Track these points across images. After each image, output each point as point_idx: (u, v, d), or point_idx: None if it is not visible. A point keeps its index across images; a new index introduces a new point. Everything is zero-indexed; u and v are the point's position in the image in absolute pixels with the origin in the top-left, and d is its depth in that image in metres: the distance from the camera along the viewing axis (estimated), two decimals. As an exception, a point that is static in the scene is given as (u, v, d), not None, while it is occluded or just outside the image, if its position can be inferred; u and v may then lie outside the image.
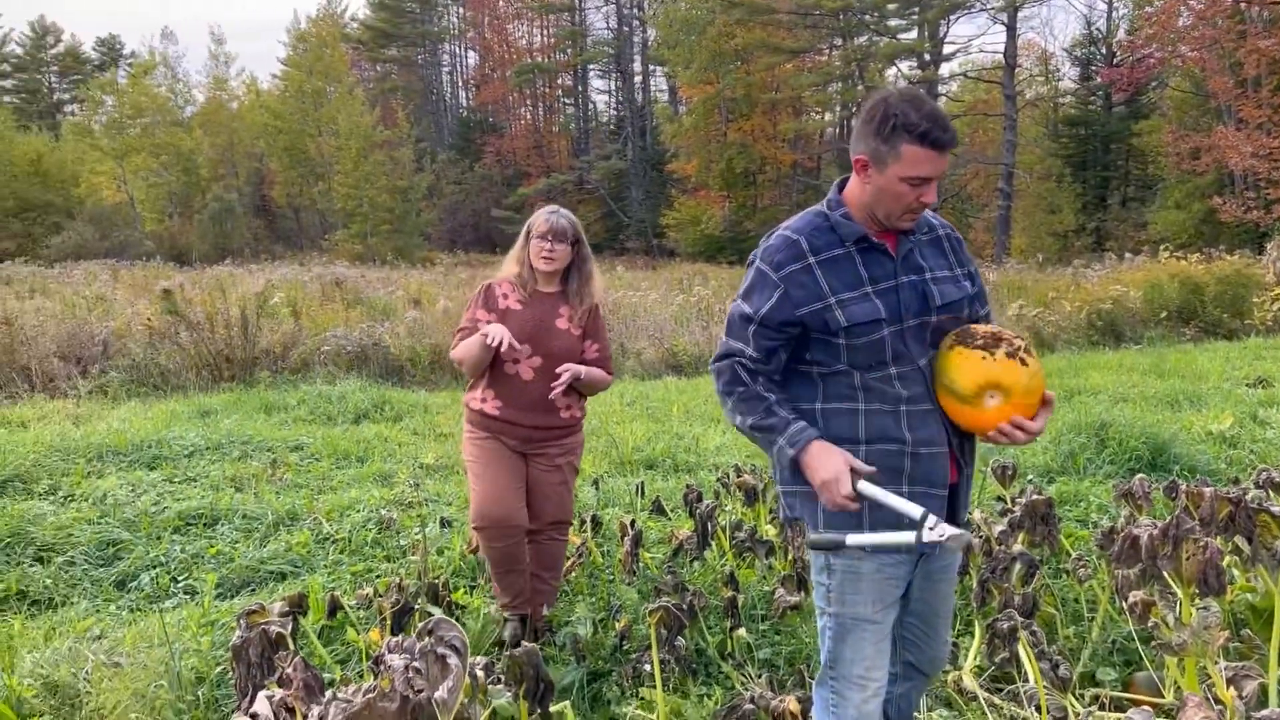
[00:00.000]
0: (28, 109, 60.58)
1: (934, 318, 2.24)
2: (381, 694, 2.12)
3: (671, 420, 8.01)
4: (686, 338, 12.24)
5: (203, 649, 3.45)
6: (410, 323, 12.35)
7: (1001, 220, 36.10)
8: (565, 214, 3.67)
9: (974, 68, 45.53)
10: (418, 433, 7.95)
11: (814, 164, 48.03)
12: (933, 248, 2.32)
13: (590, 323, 3.68)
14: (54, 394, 9.59)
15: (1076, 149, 39.51)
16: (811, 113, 48.79)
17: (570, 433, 3.70)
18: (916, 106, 2.13)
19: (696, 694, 3.17)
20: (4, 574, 4.51)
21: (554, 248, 3.57)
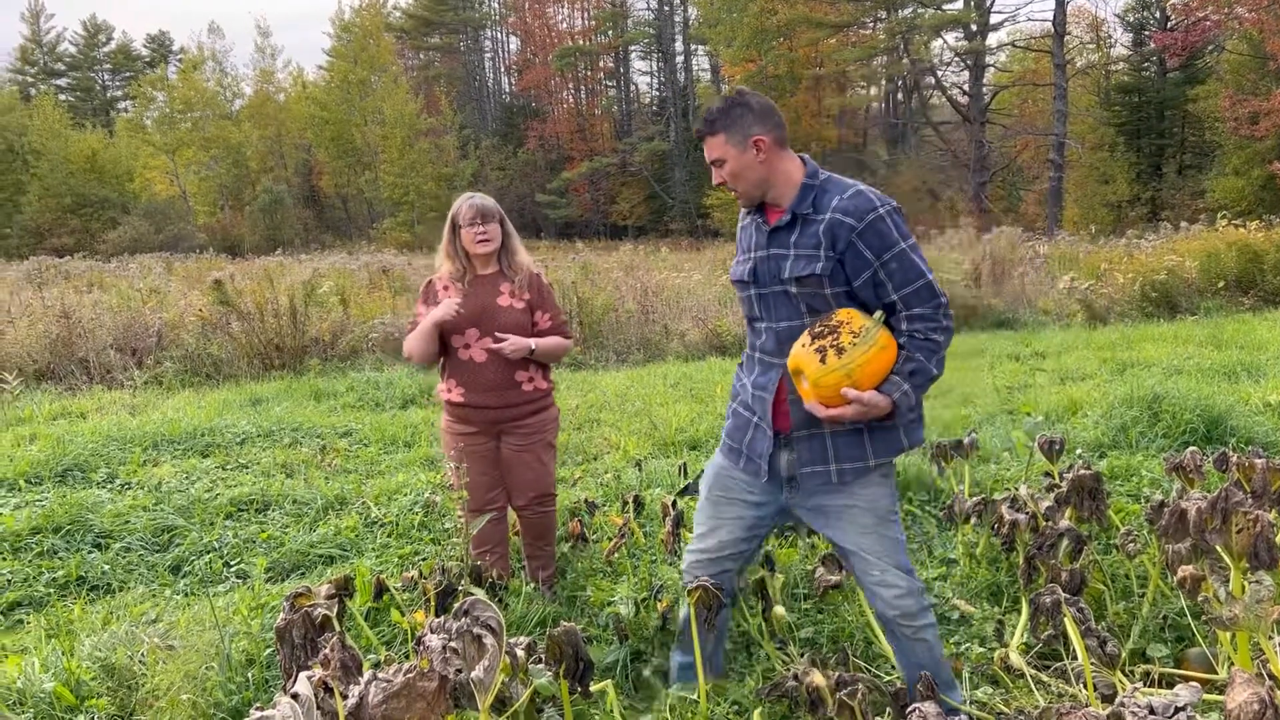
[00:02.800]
0: (82, 106, 61.90)
1: (792, 289, 2.56)
2: (420, 674, 2.14)
3: (715, 401, 7.98)
4: (730, 318, 12.17)
5: (253, 632, 3.52)
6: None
7: (1053, 192, 35.39)
8: (483, 196, 3.80)
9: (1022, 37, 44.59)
10: (464, 417, 8.00)
11: (859, 139, 47.53)
12: (811, 227, 2.55)
13: (535, 293, 3.79)
14: (111, 385, 9.82)
15: (1130, 117, 38.53)
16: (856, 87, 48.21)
17: (539, 409, 3.80)
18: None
19: (738, 673, 3.18)
20: (64, 560, 4.65)
21: (485, 229, 3.71)
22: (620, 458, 6.25)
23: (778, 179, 2.62)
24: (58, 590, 4.39)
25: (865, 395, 2.43)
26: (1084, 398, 6.94)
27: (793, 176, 2.62)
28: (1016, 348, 10.02)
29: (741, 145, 2.57)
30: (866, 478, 2.63)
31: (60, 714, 3.09)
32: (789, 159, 2.63)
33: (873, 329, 2.45)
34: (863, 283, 2.52)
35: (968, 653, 3.24)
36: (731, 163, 2.58)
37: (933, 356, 2.49)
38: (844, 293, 2.55)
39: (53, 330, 10.67)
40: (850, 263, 2.51)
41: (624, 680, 3.21)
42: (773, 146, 2.59)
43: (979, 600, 3.61)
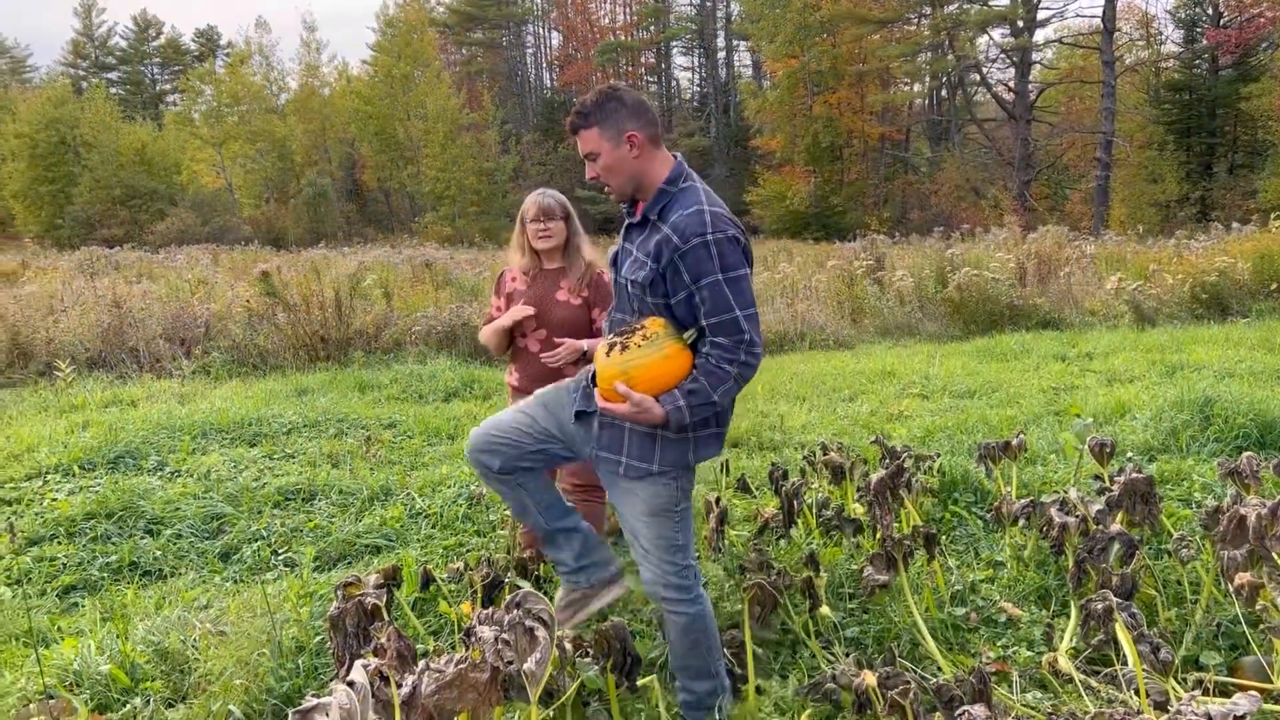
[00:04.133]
0: (132, 100, 63.02)
1: (627, 285, 2.66)
2: (472, 665, 2.17)
3: (756, 398, 7.96)
4: (771, 315, 12.15)
5: (302, 619, 3.57)
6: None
7: (1099, 191, 34.87)
8: (551, 193, 3.95)
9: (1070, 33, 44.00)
10: (505, 411, 8.04)
11: (902, 136, 47.10)
12: (653, 235, 2.59)
13: (593, 291, 3.87)
14: (160, 374, 9.99)
15: (1180, 115, 37.81)
16: (900, 84, 47.78)
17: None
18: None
19: (780, 671, 3.17)
20: (117, 545, 4.74)
21: (548, 226, 3.86)
22: (661, 453, 6.24)
23: (647, 178, 2.65)
24: (111, 574, 4.48)
25: (637, 396, 2.51)
26: (1132, 400, 6.84)
27: (658, 177, 2.65)
28: (1062, 348, 9.89)
29: (616, 140, 2.60)
30: (650, 479, 2.69)
31: (115, 695, 3.15)
32: (660, 159, 2.66)
33: (662, 337, 2.53)
34: (679, 301, 2.57)
35: (1015, 656, 3.21)
36: (605, 157, 2.61)
37: (718, 385, 2.52)
38: (663, 304, 2.61)
39: (104, 319, 10.87)
40: (670, 279, 2.55)
41: (668, 676, 3.21)
42: (646, 143, 2.62)
43: (1026, 603, 3.57)
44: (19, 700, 3.14)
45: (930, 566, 3.58)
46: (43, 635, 3.71)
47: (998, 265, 13.34)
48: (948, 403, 7.50)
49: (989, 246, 16.28)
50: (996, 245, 16.19)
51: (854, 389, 8.24)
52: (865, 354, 10.53)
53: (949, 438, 6.09)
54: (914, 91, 49.16)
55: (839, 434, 6.44)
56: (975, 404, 7.34)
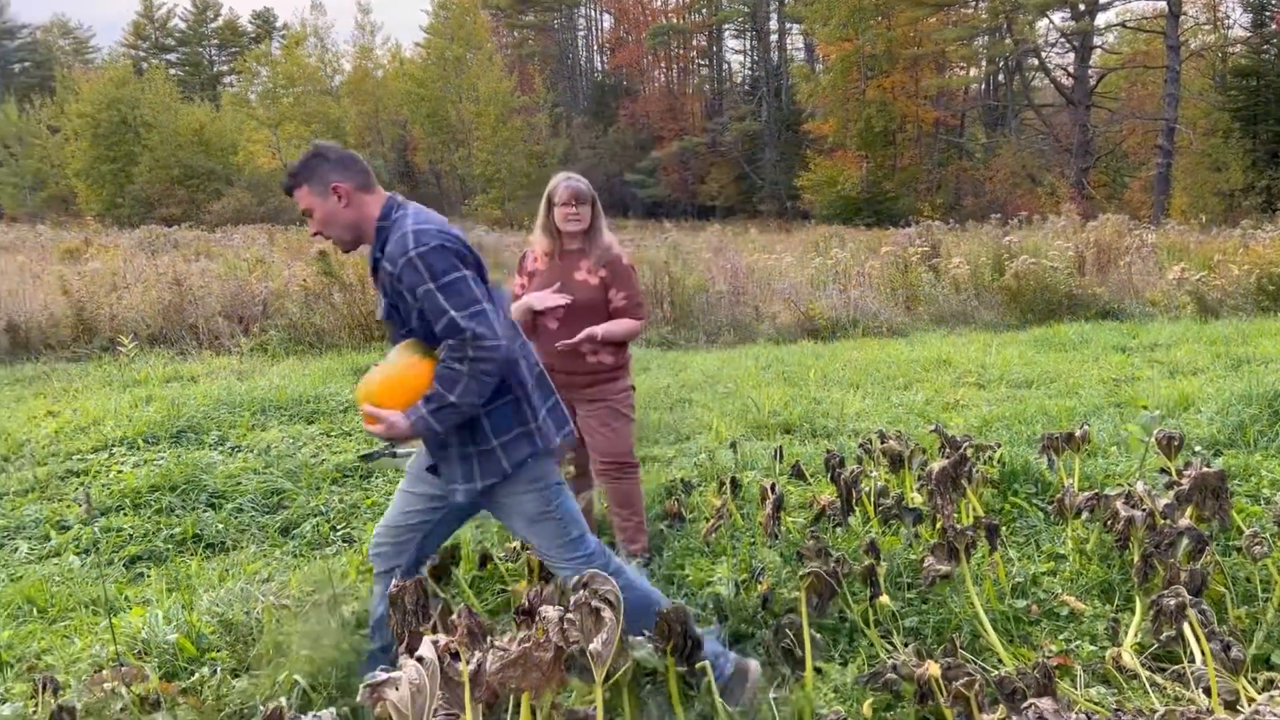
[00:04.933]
0: (190, 81, 64.01)
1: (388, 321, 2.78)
2: (536, 644, 2.18)
3: (809, 384, 7.91)
4: (824, 301, 12.04)
5: (361, 595, 3.62)
6: (548, 285, 12.52)
7: (1160, 179, 34.04)
8: (578, 177, 4.02)
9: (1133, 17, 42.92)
10: (557, 393, 8.08)
11: (957, 121, 46.36)
12: (380, 271, 2.71)
13: (610, 272, 3.95)
14: (219, 351, 10.17)
15: (1247, 102, 36.65)
16: (956, 68, 47.00)
17: (604, 380, 3.97)
18: None
19: (840, 659, 3.15)
20: (181, 518, 4.84)
21: (577, 210, 3.93)
22: (713, 438, 6.24)
23: (365, 223, 2.76)
24: (176, 546, 4.58)
25: (382, 413, 2.61)
26: (1196, 393, 6.68)
27: (374, 219, 2.76)
28: (1123, 339, 9.69)
29: (323, 194, 2.72)
30: (498, 490, 2.81)
31: (182, 664, 3.23)
32: (372, 202, 2.77)
33: (403, 352, 2.66)
34: (416, 323, 2.66)
35: (1078, 650, 3.15)
36: (318, 210, 2.74)
37: (453, 386, 2.57)
38: (407, 331, 2.72)
39: (165, 297, 11.10)
40: (401, 306, 2.68)
41: (724, 660, 3.21)
42: (353, 191, 2.74)
43: (1089, 597, 3.51)
44: (90, 666, 3.22)
45: (992, 558, 3.53)
46: (112, 604, 3.80)
47: (1056, 253, 13.10)
48: (1005, 392, 7.39)
49: (1047, 234, 15.98)
50: (1055, 233, 15.89)
51: (908, 377, 8.15)
52: (920, 342, 10.41)
53: (1007, 428, 6.00)
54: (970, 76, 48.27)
55: (894, 422, 6.38)
56: (1033, 394, 7.22)
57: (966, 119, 47.82)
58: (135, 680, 2.84)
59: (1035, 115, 43.77)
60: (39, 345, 10.27)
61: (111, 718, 2.65)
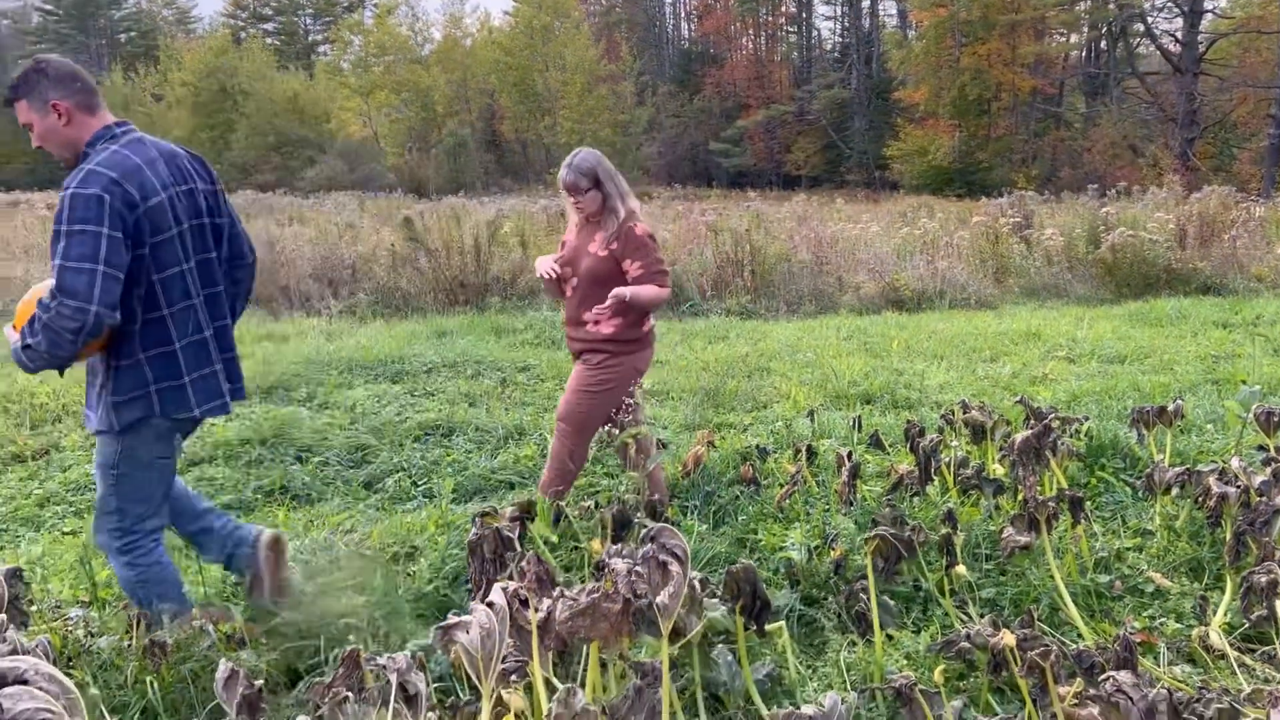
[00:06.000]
0: (286, 50, 65.43)
1: None
2: (605, 595, 2.20)
3: (891, 356, 7.78)
4: (910, 272, 11.81)
5: (439, 547, 3.70)
6: (630, 253, 12.53)
7: (1272, 150, 32.38)
8: (576, 165, 3.99)
9: (1249, -22, 40.70)
10: (636, 359, 8.11)
11: (1055, 89, 44.73)
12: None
13: (622, 244, 3.97)
14: (309, 312, 10.46)
15: (1370, 69, 34.64)
16: (1055, 34, 45.30)
17: (602, 349, 4.03)
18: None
19: (913, 627, 3.12)
20: (270, 470, 5.01)
21: (577, 200, 4.00)
22: (790, 407, 6.20)
23: (80, 146, 2.76)
24: (264, 497, 4.75)
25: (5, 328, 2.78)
26: (1303, 371, 6.39)
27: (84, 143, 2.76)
28: (1225, 315, 9.30)
29: (43, 110, 2.72)
30: (102, 436, 2.87)
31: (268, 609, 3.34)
32: (93, 125, 2.77)
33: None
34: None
35: (1162, 628, 3.06)
36: (37, 126, 2.74)
37: (34, 330, 2.60)
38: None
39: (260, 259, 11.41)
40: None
41: (794, 624, 3.20)
42: (74, 110, 2.73)
43: (1176, 575, 3.40)
44: (182, 605, 3.36)
45: (1074, 531, 3.44)
46: (203, 548, 3.95)
47: (1156, 226, 12.59)
48: (1096, 367, 7.17)
49: (1147, 206, 15.36)
50: (1155, 205, 15.26)
51: (995, 350, 7.96)
52: (1009, 314, 10.15)
53: (1097, 403, 5.83)
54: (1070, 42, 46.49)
55: (978, 395, 6.24)
56: (1126, 369, 6.99)
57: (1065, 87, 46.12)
58: (222, 620, 2.96)
59: (1139, 83, 42.01)
60: (141, 304, 10.68)
61: (199, 654, 2.77)
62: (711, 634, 2.83)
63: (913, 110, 44.74)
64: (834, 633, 3.11)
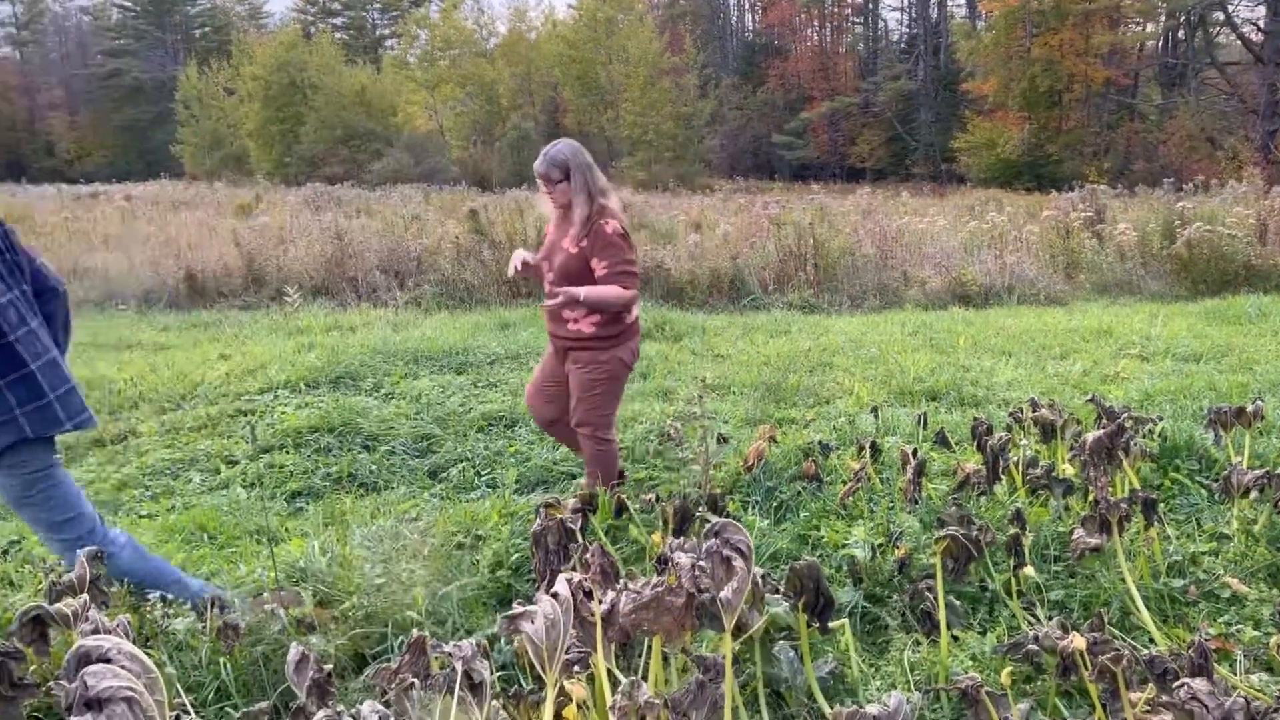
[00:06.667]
0: (354, 44, 66.46)
1: None
2: (668, 589, 2.21)
3: (957, 352, 7.66)
4: (977, 267, 11.61)
5: (503, 537, 3.74)
6: (691, 247, 12.53)
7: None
8: (551, 155, 4.04)
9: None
10: (696, 352, 8.11)
11: (1130, 80, 43.55)
12: None
13: (591, 241, 3.96)
14: (376, 303, 10.63)
15: None
16: (1131, 24, 44.08)
17: (583, 347, 4.07)
18: None
19: (979, 628, 3.07)
20: (338, 458, 5.11)
21: (550, 190, 4.04)
22: (853, 403, 6.14)
23: None
24: (332, 484, 4.84)
25: None
26: (1391, 373, 6.15)
27: None
28: (1308, 314, 8.99)
29: None
30: None
31: (336, 594, 3.41)
32: None
33: None
34: None
35: (1239, 634, 2.98)
36: None
37: None
38: None
39: (327, 251, 11.65)
40: None
41: (856, 622, 3.17)
42: None
43: (1254, 580, 3.30)
44: (253, 589, 3.45)
45: (1147, 534, 3.36)
46: (273, 534, 4.06)
47: (1235, 221, 12.20)
48: (1170, 366, 6.98)
49: (1225, 201, 14.89)
50: (1234, 200, 14.79)
51: (1065, 347, 7.79)
52: (1079, 311, 9.93)
53: (1171, 402, 5.67)
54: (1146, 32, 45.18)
55: (1047, 392, 6.12)
56: (1202, 368, 6.79)
57: (1140, 78, 44.90)
58: (293, 604, 3.03)
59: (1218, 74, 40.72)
60: (214, 294, 10.96)
61: (270, 636, 2.83)
62: (773, 630, 2.82)
63: (981, 102, 43.92)
64: (898, 631, 3.08)
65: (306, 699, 2.23)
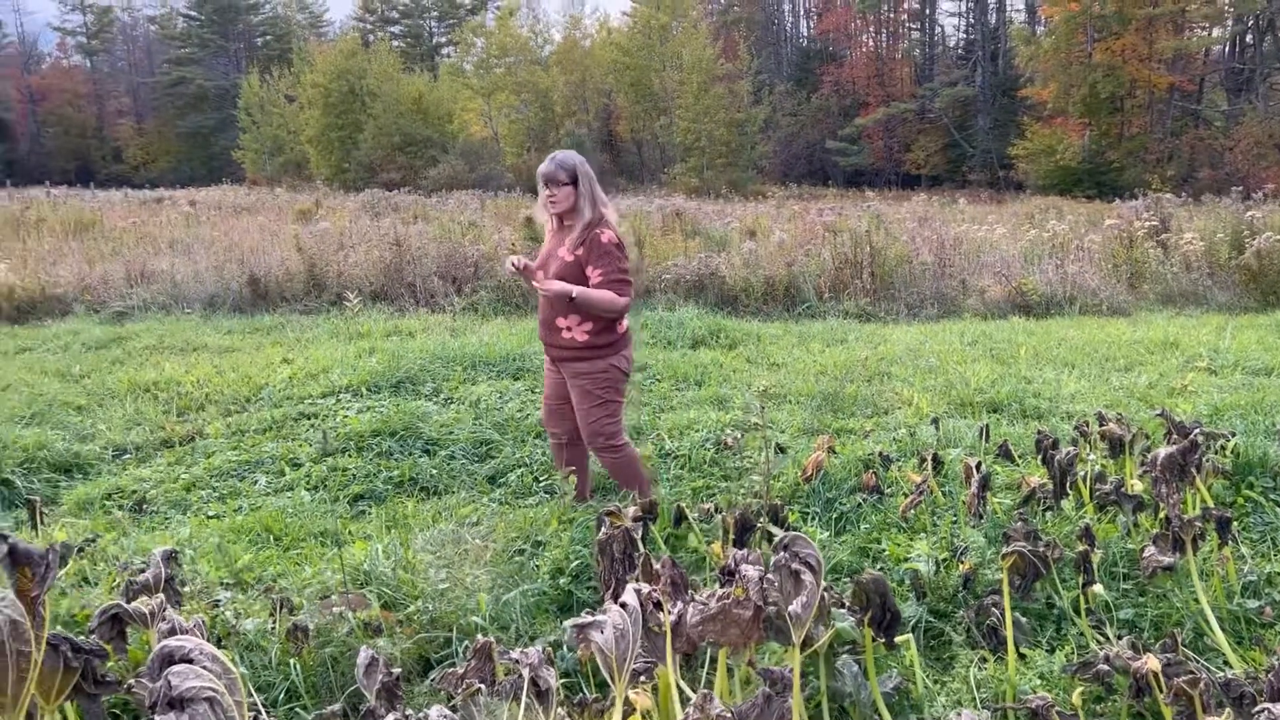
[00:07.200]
0: (411, 52, 67.25)
1: None
2: (736, 601, 2.21)
3: (1019, 363, 7.55)
4: (1038, 275, 11.43)
5: (563, 544, 3.76)
6: (746, 254, 12.50)
7: None
8: (559, 159, 4.09)
9: None
10: (751, 360, 8.08)
11: (1195, 86, 42.57)
12: None
13: (586, 250, 4.03)
14: (434, 309, 10.75)
15: None
16: (1196, 28, 43.12)
17: (578, 357, 4.14)
18: None
19: (1046, 646, 3.03)
20: (399, 462, 5.18)
21: (553, 192, 4.05)
22: (912, 414, 6.07)
23: None
24: (394, 487, 4.90)
25: None
26: None
27: None
28: (1385, 327, 8.71)
29: None
30: None
31: (400, 597, 3.45)
32: None
33: None
34: None
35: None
36: None
37: None
38: None
39: (385, 256, 11.80)
40: None
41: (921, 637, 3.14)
42: None
43: (1335, 604, 3.21)
44: (319, 590, 3.51)
45: (1221, 552, 3.28)
46: (336, 536, 4.12)
47: (1307, 231, 11.87)
48: (1240, 379, 6.80)
49: (1297, 209, 14.50)
50: (1306, 208, 14.39)
51: (1130, 359, 7.64)
52: (1144, 322, 9.72)
53: (1242, 417, 5.53)
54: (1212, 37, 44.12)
55: (1112, 405, 6.00)
56: (1274, 382, 6.62)
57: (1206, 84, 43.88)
58: (360, 607, 3.07)
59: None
60: (276, 298, 11.16)
61: (339, 639, 2.88)
62: (836, 643, 2.80)
63: (1040, 108, 43.25)
64: (963, 648, 3.04)
65: (376, 702, 2.27)
